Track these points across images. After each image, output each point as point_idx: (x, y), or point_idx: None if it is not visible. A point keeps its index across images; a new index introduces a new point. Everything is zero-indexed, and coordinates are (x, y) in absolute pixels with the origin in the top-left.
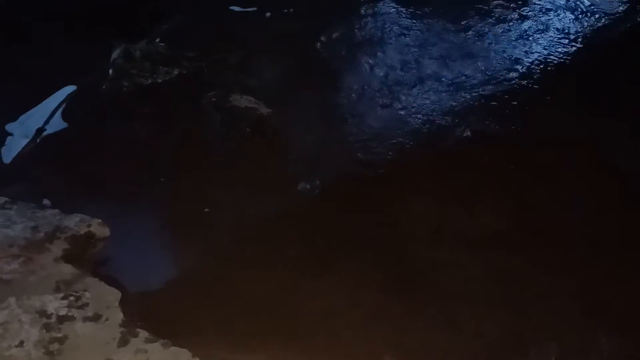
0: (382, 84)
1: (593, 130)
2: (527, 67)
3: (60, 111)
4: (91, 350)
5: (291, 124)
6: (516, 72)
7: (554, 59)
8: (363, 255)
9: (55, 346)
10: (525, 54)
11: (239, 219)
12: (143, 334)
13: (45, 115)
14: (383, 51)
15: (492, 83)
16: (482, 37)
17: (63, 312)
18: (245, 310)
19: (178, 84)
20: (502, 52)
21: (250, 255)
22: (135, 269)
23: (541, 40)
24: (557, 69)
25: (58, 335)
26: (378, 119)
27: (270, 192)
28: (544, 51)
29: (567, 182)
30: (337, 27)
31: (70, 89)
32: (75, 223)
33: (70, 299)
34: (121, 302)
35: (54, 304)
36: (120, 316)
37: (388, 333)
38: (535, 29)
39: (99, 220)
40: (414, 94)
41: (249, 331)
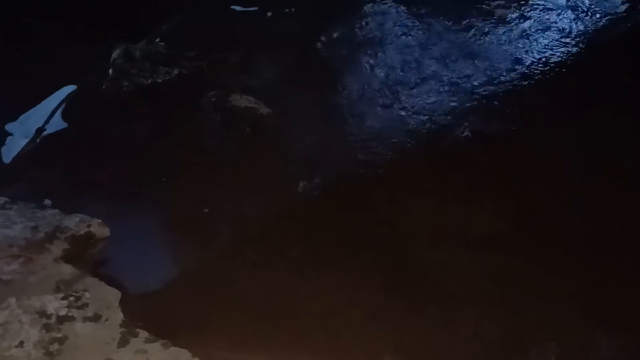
0: (382, 84)
1: (593, 130)
2: (528, 67)
3: (60, 111)
4: (91, 350)
5: (291, 124)
6: (516, 72)
7: (554, 59)
8: (363, 255)
9: (55, 346)
10: (526, 54)
11: (239, 219)
12: (143, 334)
13: (45, 115)
14: (383, 51)
15: (492, 83)
16: (483, 37)
17: (63, 313)
18: (245, 310)
19: (178, 84)
20: (503, 52)
21: (250, 255)
22: (135, 269)
23: (541, 40)
24: (558, 69)
25: (58, 335)
26: (378, 118)
27: (270, 192)
28: (545, 51)
29: (567, 182)
30: (338, 27)
31: (70, 88)
32: (75, 223)
33: (70, 299)
34: (121, 302)
35: (54, 304)
36: (120, 316)
37: (388, 333)
38: (536, 29)
39: (99, 221)
40: (414, 93)
41: (249, 331)
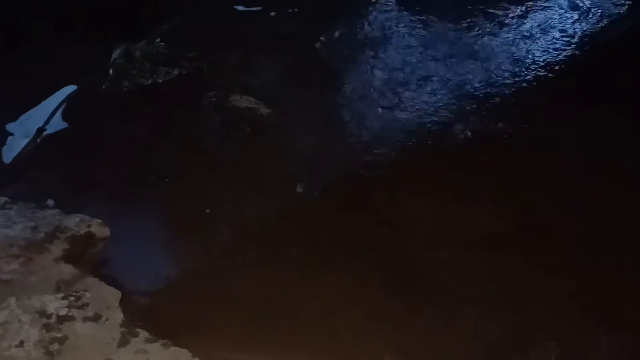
0: (383, 84)
1: (593, 130)
2: (528, 67)
3: (60, 111)
4: (91, 350)
5: (291, 124)
6: (517, 72)
7: (554, 59)
8: (363, 255)
9: (55, 346)
10: (526, 54)
11: (239, 219)
12: (143, 334)
13: (45, 115)
14: (384, 51)
15: (492, 83)
16: (483, 37)
17: (63, 312)
18: (245, 310)
19: (178, 84)
20: (503, 52)
21: (250, 255)
22: (136, 269)
23: (542, 40)
24: (558, 69)
25: (58, 335)
26: (378, 118)
27: (270, 192)
28: (545, 51)
29: (567, 182)
30: (339, 27)
31: (70, 89)
32: (75, 223)
33: (70, 299)
34: (121, 302)
35: (54, 304)
36: (120, 316)
37: (388, 333)
38: (536, 29)
39: (99, 221)
40: (415, 93)
41: (249, 331)
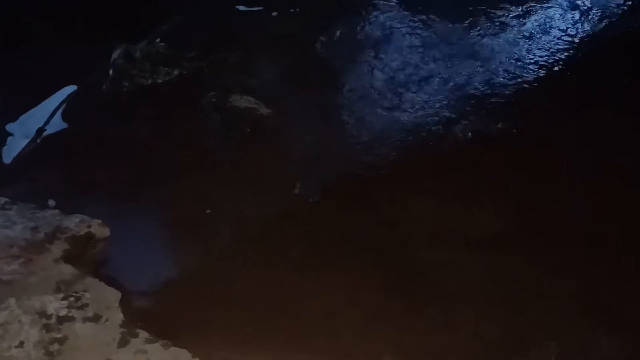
0: (383, 84)
1: (593, 130)
2: (528, 67)
3: (60, 111)
4: (91, 350)
5: (291, 125)
6: (517, 72)
7: (554, 59)
8: (363, 255)
9: (55, 347)
10: (526, 54)
11: (239, 219)
12: (143, 334)
13: (45, 115)
14: (384, 51)
15: (493, 83)
16: (483, 38)
17: (63, 313)
18: (245, 310)
19: (178, 84)
20: (503, 52)
21: (250, 255)
22: (136, 269)
23: (542, 40)
24: (558, 69)
25: (58, 335)
26: (378, 119)
27: (270, 192)
28: (545, 51)
29: (567, 182)
30: (339, 27)
31: (70, 89)
32: (75, 223)
33: (70, 299)
34: (121, 303)
35: (54, 305)
36: (120, 317)
37: (388, 333)
38: (537, 29)
39: (99, 221)
40: (415, 94)
41: (249, 331)
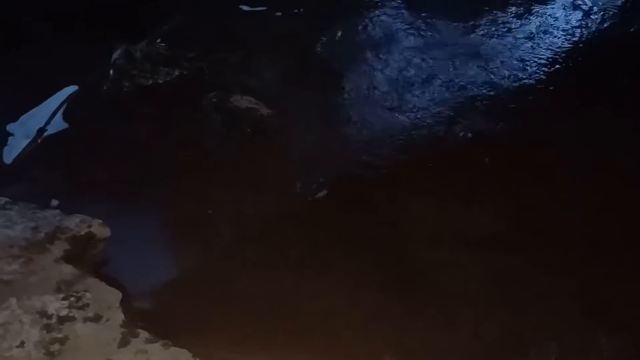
0: (383, 84)
1: (593, 130)
2: (528, 67)
3: (61, 112)
4: (92, 350)
5: (291, 125)
6: (517, 73)
7: (554, 59)
8: (363, 255)
9: (55, 347)
10: (526, 55)
11: (239, 219)
12: (143, 334)
13: (46, 115)
14: (384, 51)
15: (493, 83)
16: (484, 38)
17: (64, 313)
18: (245, 310)
19: (179, 84)
20: (503, 53)
21: (250, 255)
22: (136, 269)
23: (542, 41)
24: (558, 69)
25: (59, 335)
26: (378, 119)
27: (270, 192)
28: (545, 51)
29: (567, 182)
30: (340, 27)
31: (71, 89)
32: (75, 223)
33: (71, 299)
34: (122, 303)
35: (55, 305)
36: (120, 317)
37: (388, 333)
38: (537, 30)
39: (100, 221)
40: (415, 94)
41: (249, 331)
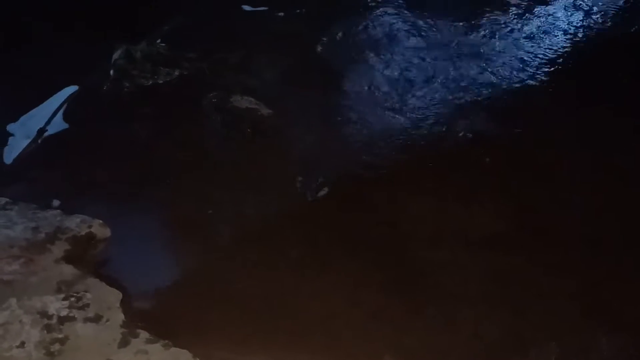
0: (384, 85)
1: (593, 130)
2: (528, 68)
3: (61, 112)
4: (92, 351)
5: (292, 125)
6: (517, 73)
7: (554, 59)
8: (363, 255)
9: (56, 347)
10: (527, 55)
11: (239, 219)
12: (144, 334)
13: (46, 115)
14: (385, 52)
15: (493, 83)
16: (484, 38)
17: (64, 313)
18: (245, 311)
19: (179, 84)
20: (503, 53)
21: (250, 255)
22: (136, 269)
23: (543, 41)
24: (558, 69)
25: (59, 336)
26: (378, 119)
27: (271, 192)
28: (545, 51)
29: (567, 182)
30: (341, 27)
31: (71, 89)
32: (76, 224)
33: (71, 299)
34: (122, 303)
35: (55, 305)
36: (121, 317)
37: (388, 333)
38: (537, 30)
39: (100, 221)
40: (415, 94)
41: (249, 331)
